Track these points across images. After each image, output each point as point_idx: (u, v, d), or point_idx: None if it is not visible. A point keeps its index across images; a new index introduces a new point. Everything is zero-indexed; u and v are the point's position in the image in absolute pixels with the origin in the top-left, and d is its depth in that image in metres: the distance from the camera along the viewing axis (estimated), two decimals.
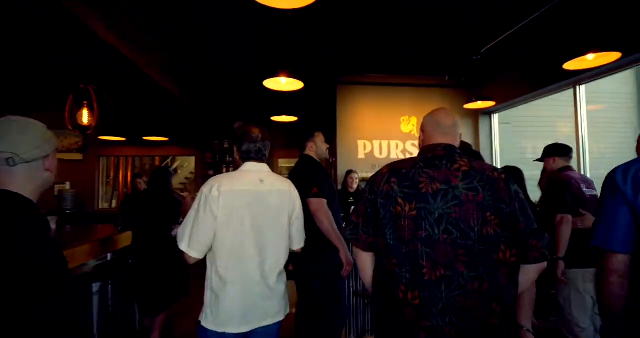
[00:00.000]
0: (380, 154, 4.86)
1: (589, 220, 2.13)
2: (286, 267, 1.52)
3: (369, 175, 4.70)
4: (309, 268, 2.15)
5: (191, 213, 1.35)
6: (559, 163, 2.51)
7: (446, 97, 4.96)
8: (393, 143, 4.88)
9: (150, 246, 2.67)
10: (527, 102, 4.25)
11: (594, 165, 3.70)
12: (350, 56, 4.24)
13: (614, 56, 2.62)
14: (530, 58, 3.90)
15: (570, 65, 2.82)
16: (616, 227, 1.01)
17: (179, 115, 6.00)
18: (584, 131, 3.58)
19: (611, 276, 1.00)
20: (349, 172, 4.17)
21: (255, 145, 1.46)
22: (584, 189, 2.32)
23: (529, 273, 1.06)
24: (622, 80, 6.29)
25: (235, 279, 1.32)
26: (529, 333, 1.22)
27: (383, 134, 4.86)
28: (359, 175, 4.25)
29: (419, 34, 3.66)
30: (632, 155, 1.21)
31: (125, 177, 9.19)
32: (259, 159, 1.48)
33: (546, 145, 2.65)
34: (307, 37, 3.69)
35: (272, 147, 1.66)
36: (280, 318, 1.43)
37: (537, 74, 3.82)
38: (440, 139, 1.18)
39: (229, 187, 1.35)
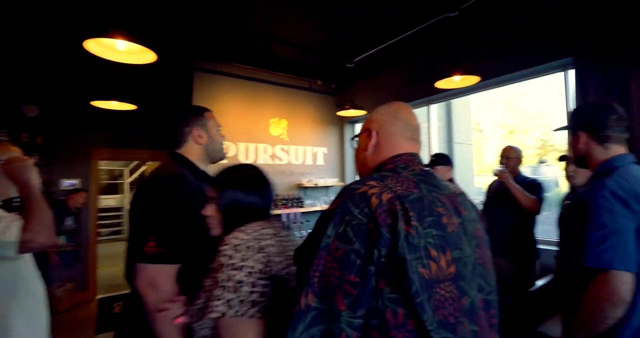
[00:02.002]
0: (247, 158, 4.19)
1: None
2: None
3: None
4: None
5: None
6: (447, 174, 2.53)
7: (317, 101, 4.77)
8: (261, 146, 4.30)
9: None
10: None
11: None
12: (212, 36, 3.41)
13: (474, 79, 2.90)
14: (399, 73, 4.11)
15: (441, 84, 2.98)
16: None
17: None
18: (434, 143, 4.00)
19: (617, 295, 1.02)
20: None
21: None
22: None
23: None
24: None
25: None
26: None
27: (249, 136, 4.22)
28: None
29: (293, 27, 3.24)
30: None
31: None
32: None
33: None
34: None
35: (88, 146, 0.85)
36: None
37: (403, 89, 4.04)
38: (408, 147, 0.84)
39: None
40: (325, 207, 4.57)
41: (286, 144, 4.49)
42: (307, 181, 4.53)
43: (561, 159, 2.23)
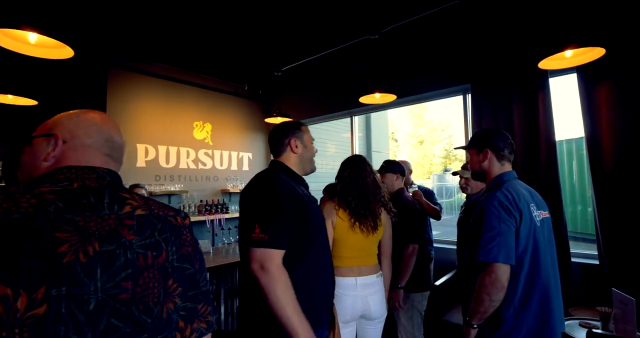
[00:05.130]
0: (167, 162, 3.95)
1: None
2: None
3: (154, 189, 3.71)
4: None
5: None
6: (400, 183, 2.46)
7: (243, 107, 4.72)
8: (183, 150, 4.10)
9: None
10: (315, 123, 4.68)
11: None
12: (132, 33, 3.18)
13: (391, 97, 3.23)
14: (324, 85, 4.32)
15: (364, 100, 3.24)
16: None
17: None
18: (357, 151, 4.31)
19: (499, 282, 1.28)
20: (133, 187, 3.07)
21: None
22: None
23: None
24: None
25: None
26: None
27: (171, 139, 3.99)
28: (146, 190, 3.22)
29: (221, 32, 3.21)
30: None
31: None
32: None
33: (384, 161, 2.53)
34: None
35: None
36: None
37: (328, 100, 4.26)
38: (102, 162, 0.73)
39: None
40: None
41: (210, 148, 4.36)
42: (232, 186, 4.45)
43: (454, 174, 2.55)
